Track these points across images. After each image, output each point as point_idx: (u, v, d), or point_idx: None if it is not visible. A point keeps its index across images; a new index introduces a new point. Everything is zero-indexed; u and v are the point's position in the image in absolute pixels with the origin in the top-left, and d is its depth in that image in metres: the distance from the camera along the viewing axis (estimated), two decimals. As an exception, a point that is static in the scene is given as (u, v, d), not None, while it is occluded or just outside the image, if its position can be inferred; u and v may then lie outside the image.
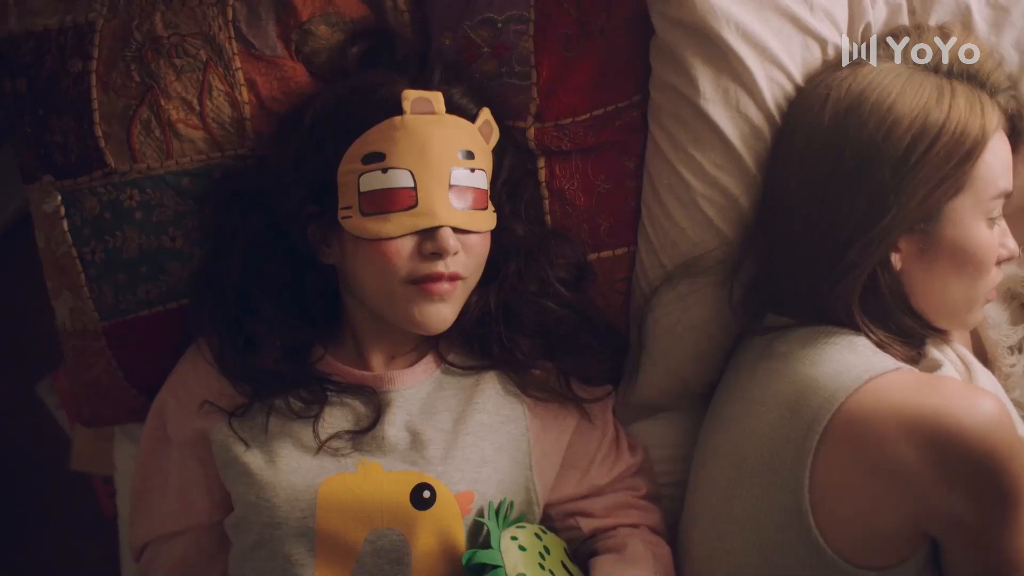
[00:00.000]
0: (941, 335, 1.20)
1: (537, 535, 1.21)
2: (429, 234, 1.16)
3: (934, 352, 1.18)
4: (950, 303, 1.17)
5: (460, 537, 1.17)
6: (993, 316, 1.27)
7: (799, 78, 1.25)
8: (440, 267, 1.16)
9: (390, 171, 1.16)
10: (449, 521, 1.17)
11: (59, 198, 1.29)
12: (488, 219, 1.22)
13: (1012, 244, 1.20)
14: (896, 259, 1.14)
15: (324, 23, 1.29)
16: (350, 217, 1.17)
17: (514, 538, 1.17)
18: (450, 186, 1.18)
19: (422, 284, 1.16)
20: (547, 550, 1.20)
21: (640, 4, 1.28)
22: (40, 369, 1.93)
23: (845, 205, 1.12)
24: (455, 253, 1.17)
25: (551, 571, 1.17)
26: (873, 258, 1.13)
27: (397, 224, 1.16)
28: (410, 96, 1.17)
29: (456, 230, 1.17)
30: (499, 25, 1.28)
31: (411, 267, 1.16)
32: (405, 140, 1.17)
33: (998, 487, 1.02)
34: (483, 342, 1.27)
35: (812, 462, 1.07)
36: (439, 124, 1.18)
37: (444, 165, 1.17)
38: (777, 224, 1.21)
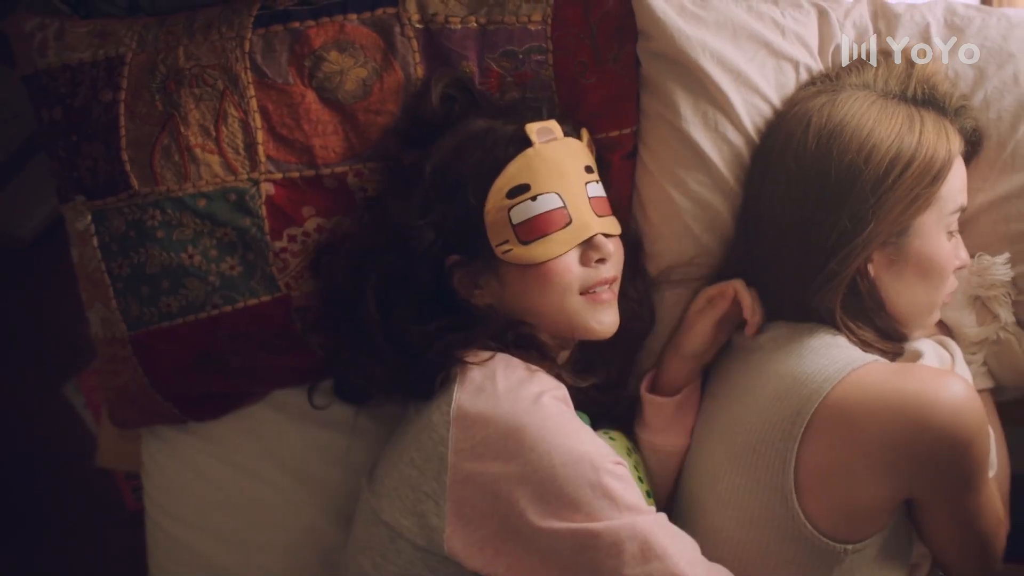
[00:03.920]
0: (909, 334, 1.30)
1: (629, 449, 1.34)
2: (588, 244, 1.24)
3: (914, 345, 1.28)
4: (915, 307, 1.27)
5: None
6: (955, 316, 1.36)
7: (775, 99, 1.34)
8: (604, 271, 1.25)
9: (539, 197, 1.24)
10: None
11: (89, 217, 1.37)
12: (617, 223, 1.31)
13: (964, 254, 1.31)
14: (870, 268, 1.24)
15: (335, 49, 1.36)
16: (510, 250, 1.24)
17: (604, 432, 1.31)
18: (588, 199, 1.25)
19: (591, 295, 1.25)
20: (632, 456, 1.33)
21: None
22: (67, 371, 1.97)
23: (829, 220, 1.21)
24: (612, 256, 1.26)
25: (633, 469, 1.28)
26: (852, 267, 1.22)
27: (560, 243, 1.23)
28: (534, 128, 1.25)
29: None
30: (520, 56, 1.36)
31: (582, 278, 1.25)
32: (544, 167, 1.24)
33: (966, 455, 1.14)
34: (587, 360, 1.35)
35: (799, 446, 1.16)
36: (564, 148, 1.27)
37: (580, 182, 1.26)
38: (762, 235, 1.29)
